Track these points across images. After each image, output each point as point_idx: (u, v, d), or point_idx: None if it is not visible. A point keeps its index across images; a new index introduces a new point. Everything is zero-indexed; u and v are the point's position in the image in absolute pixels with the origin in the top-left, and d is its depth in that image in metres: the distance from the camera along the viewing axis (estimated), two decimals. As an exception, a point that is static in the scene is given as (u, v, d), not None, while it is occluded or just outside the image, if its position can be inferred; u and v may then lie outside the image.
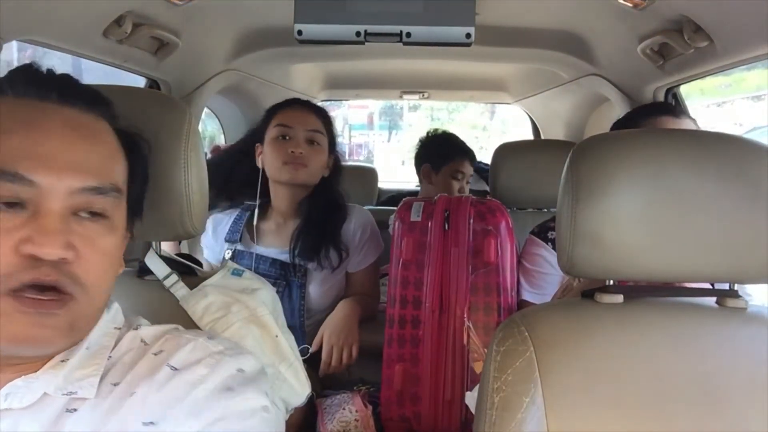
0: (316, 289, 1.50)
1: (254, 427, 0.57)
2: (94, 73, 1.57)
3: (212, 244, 1.58)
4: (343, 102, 4.17)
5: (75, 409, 0.58)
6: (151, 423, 0.56)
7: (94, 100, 0.62)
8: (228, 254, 1.51)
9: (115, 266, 0.61)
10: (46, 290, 0.54)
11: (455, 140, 2.31)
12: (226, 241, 1.54)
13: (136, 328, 0.67)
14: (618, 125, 1.38)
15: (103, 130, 0.61)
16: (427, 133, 2.37)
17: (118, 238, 0.60)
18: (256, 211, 1.52)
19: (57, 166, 0.55)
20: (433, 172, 2.21)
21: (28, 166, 0.54)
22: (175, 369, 0.60)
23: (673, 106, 1.45)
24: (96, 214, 0.57)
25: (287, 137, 1.48)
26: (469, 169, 2.25)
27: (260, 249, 1.51)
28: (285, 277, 1.48)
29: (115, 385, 0.60)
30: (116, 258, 0.61)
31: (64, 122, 0.58)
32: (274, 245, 1.52)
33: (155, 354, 0.62)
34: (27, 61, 0.62)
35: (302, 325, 1.47)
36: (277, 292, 1.43)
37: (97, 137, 0.60)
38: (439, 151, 2.23)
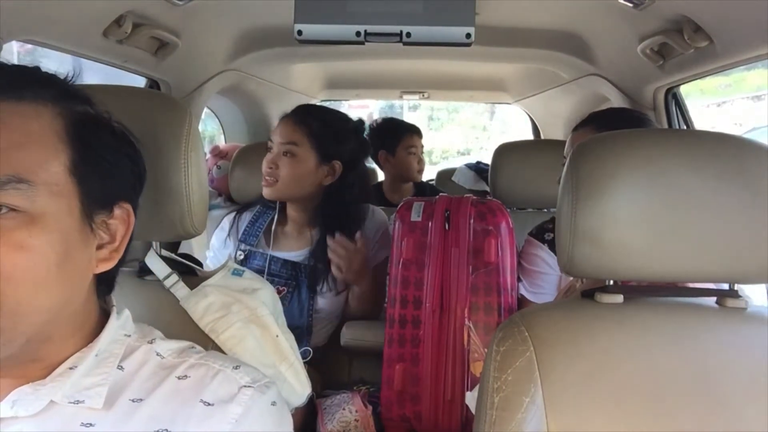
0: (326, 290, 1.51)
1: None
2: (95, 73, 1.57)
3: (223, 243, 1.59)
4: (344, 102, 4.17)
5: (91, 424, 0.57)
6: None
7: (14, 86, 0.56)
8: (241, 255, 1.52)
9: (48, 260, 0.54)
10: None
11: (398, 122, 2.55)
12: (242, 241, 1.55)
13: (151, 342, 0.65)
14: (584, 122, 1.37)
15: (16, 115, 0.55)
16: (370, 125, 2.52)
17: (45, 231, 0.54)
18: (276, 218, 1.54)
19: None
20: (390, 155, 2.44)
21: None
22: (209, 404, 0.59)
23: (594, 115, 1.41)
24: (4, 209, 0.52)
25: (270, 150, 1.51)
26: (419, 143, 2.48)
27: (274, 252, 1.53)
28: (295, 278, 1.50)
29: (134, 401, 0.59)
30: (47, 252, 0.54)
31: None
32: (289, 249, 1.54)
33: (179, 378, 0.61)
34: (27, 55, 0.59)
35: (309, 325, 1.48)
36: (287, 292, 1.47)
37: (4, 125, 0.54)
38: (388, 135, 2.45)
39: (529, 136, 3.31)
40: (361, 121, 1.64)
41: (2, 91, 0.55)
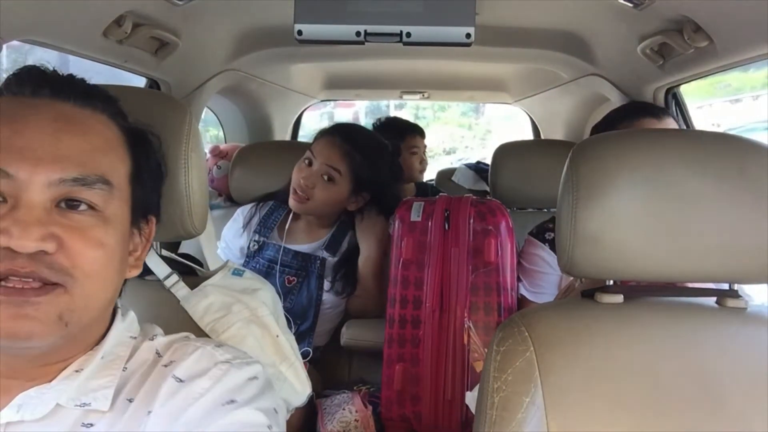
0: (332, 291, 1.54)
1: None
2: (96, 74, 1.57)
3: (235, 235, 1.62)
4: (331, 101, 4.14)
5: (91, 424, 0.57)
6: None
7: (90, 95, 0.61)
8: (255, 246, 1.56)
9: (115, 260, 0.59)
10: (29, 279, 0.52)
11: (402, 121, 2.51)
12: (256, 233, 1.59)
13: (152, 339, 0.66)
14: (598, 128, 1.39)
15: (97, 122, 0.61)
16: (373, 124, 2.51)
17: (116, 231, 0.59)
18: (292, 213, 1.57)
19: (35, 158, 0.54)
20: None
21: (6, 159, 0.54)
22: (181, 381, 0.59)
23: (654, 106, 1.45)
24: (83, 206, 0.56)
25: (309, 163, 1.52)
26: (421, 143, 2.44)
27: (287, 244, 1.57)
28: (305, 268, 1.53)
29: (130, 400, 0.59)
30: (115, 252, 0.58)
31: (52, 116, 0.57)
32: (302, 241, 1.58)
33: (165, 366, 0.62)
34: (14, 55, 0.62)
35: (316, 315, 1.51)
36: (297, 282, 1.52)
37: (88, 129, 0.59)
38: (391, 135, 2.37)
39: (516, 136, 3.31)
40: (396, 146, 1.71)
41: (79, 99, 0.60)
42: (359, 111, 5.64)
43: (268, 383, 0.63)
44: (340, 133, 1.54)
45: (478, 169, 2.86)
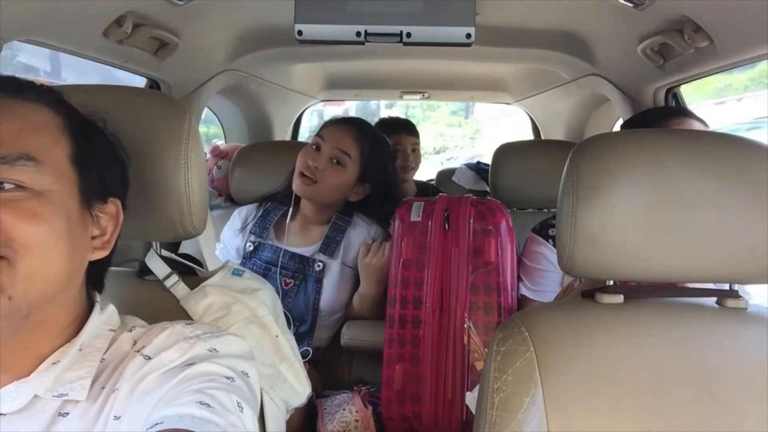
0: (331, 285, 1.53)
1: (213, 388, 0.56)
2: (96, 73, 1.57)
3: (233, 235, 1.61)
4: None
5: (67, 413, 0.59)
6: (116, 417, 0.58)
7: (22, 88, 0.63)
8: (250, 246, 1.55)
9: (57, 234, 0.58)
10: None
11: (393, 120, 2.47)
12: (252, 233, 1.58)
13: (131, 330, 0.67)
14: (632, 123, 1.39)
15: (27, 109, 0.62)
16: (376, 124, 2.46)
17: (53, 205, 0.59)
18: (290, 212, 1.57)
19: None
20: None
21: None
22: (149, 358, 0.61)
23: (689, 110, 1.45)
24: (9, 185, 0.57)
25: (317, 148, 1.51)
26: (407, 140, 2.37)
27: (283, 246, 1.56)
28: (303, 271, 1.52)
29: (103, 388, 0.61)
30: (57, 226, 0.58)
31: None
32: (298, 244, 1.57)
33: (137, 351, 0.63)
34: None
35: (314, 318, 1.50)
36: (294, 285, 1.51)
37: (15, 115, 0.61)
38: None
39: (506, 134, 3.30)
40: (393, 147, 1.70)
41: (11, 92, 0.62)
42: (349, 109, 5.64)
43: (247, 353, 0.65)
44: (351, 122, 1.56)
45: (478, 169, 2.86)
